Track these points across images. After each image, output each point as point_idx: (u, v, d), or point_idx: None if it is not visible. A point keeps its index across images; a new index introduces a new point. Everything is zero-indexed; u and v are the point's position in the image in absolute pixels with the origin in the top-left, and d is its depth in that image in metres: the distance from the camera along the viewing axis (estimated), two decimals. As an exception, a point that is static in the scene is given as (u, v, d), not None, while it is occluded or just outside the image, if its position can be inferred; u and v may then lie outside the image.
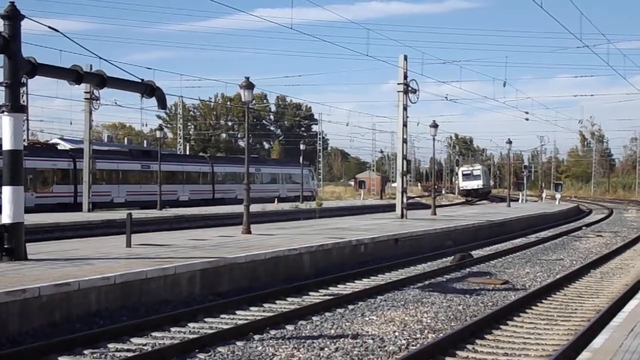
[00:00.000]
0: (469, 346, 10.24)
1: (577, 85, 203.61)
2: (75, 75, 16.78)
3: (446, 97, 47.75)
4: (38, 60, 15.57)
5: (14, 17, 14.60)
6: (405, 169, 33.95)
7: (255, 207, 33.78)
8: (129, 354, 9.63)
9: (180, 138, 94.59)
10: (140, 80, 18.29)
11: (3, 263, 14.04)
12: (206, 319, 12.17)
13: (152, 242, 19.24)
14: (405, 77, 32.87)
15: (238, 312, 12.91)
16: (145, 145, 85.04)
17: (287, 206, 47.70)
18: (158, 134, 48.70)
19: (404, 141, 33.42)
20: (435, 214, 36.69)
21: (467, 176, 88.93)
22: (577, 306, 13.83)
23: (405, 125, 33.28)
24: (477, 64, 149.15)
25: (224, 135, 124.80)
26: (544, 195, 72.56)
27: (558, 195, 60.98)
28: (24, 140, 29.76)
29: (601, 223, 41.82)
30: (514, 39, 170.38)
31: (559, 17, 42.16)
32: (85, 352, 9.81)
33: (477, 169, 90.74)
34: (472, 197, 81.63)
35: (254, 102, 65.71)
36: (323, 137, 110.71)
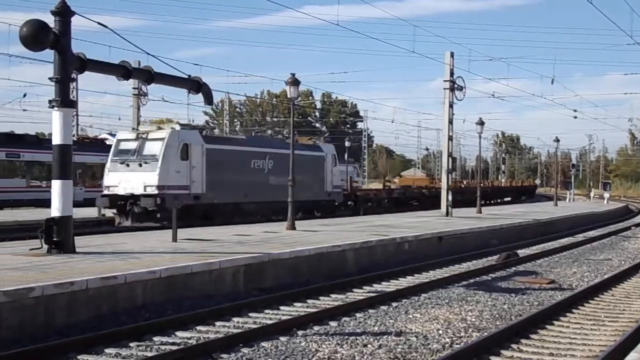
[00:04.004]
0: (514, 345, 10.14)
1: (627, 83, 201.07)
2: (123, 71, 16.98)
3: (493, 95, 47.49)
4: (87, 56, 15.79)
5: (64, 13, 14.81)
6: (450, 167, 33.76)
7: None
8: (174, 348, 9.72)
9: (226, 134, 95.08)
10: (187, 77, 18.45)
11: (52, 256, 14.27)
12: (250, 314, 12.23)
13: (198, 237, 19.38)
14: (452, 74, 32.69)
15: (282, 307, 12.95)
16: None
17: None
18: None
19: (450, 138, 33.25)
20: (480, 212, 36.43)
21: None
22: (624, 307, 13.62)
23: (451, 122, 33.11)
24: (525, 61, 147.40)
25: (269, 131, 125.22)
26: (592, 194, 71.63)
27: (606, 195, 60.15)
28: (73, 135, 30.13)
29: (650, 223, 41.13)
30: (563, 36, 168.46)
31: (610, 14, 41.64)
32: (131, 344, 9.92)
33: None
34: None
35: (299, 98, 65.81)
36: (368, 134, 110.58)
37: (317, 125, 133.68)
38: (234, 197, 31.35)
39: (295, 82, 22.53)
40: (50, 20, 14.69)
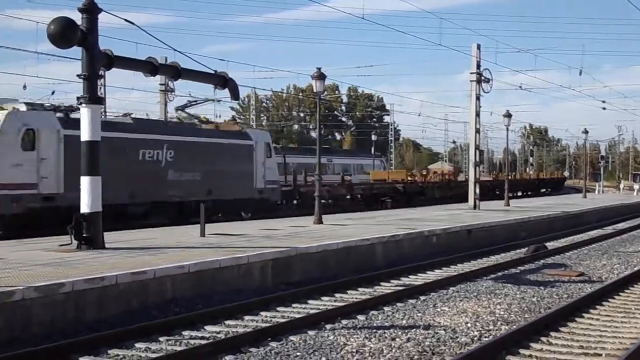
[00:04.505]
0: (543, 338, 10.09)
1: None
2: (150, 67, 17.10)
3: (520, 87, 47.25)
4: (115, 52, 15.90)
5: (92, 10, 14.92)
6: (478, 160, 33.62)
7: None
8: (203, 342, 9.78)
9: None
10: (213, 72, 18.53)
11: (82, 251, 14.41)
12: (278, 308, 12.27)
13: (226, 231, 19.47)
14: (478, 66, 32.53)
15: (310, 301, 12.97)
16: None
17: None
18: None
19: (477, 131, 33.09)
20: (508, 204, 36.24)
21: None
22: (655, 299, 13.50)
23: (478, 115, 32.95)
24: (553, 52, 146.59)
25: (296, 126, 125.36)
26: (621, 186, 70.98)
27: (636, 186, 59.61)
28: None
29: (681, 215, 40.69)
30: (592, 27, 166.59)
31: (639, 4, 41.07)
32: (161, 339, 10.00)
33: None
34: None
35: (325, 93, 65.82)
36: (395, 128, 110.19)
37: (344, 119, 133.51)
38: (113, 198, 22.26)
39: (321, 77, 22.54)
40: (78, 18, 14.81)
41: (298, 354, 9.21)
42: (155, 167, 27.29)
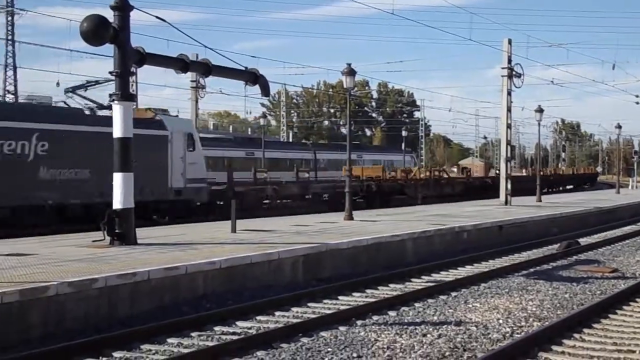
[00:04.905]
0: (576, 335, 10.01)
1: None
2: (181, 64, 17.21)
3: (552, 82, 46.72)
4: (146, 50, 16.01)
5: (123, 8, 15.03)
6: (509, 155, 33.41)
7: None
8: (234, 337, 9.83)
9: (283, 125, 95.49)
10: (244, 69, 18.59)
11: (114, 247, 14.53)
12: (309, 304, 12.29)
13: (257, 227, 19.53)
14: (510, 61, 32.30)
15: (340, 297, 12.98)
16: (249, 132, 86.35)
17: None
18: (262, 121, 49.43)
19: (508, 127, 32.88)
20: (540, 200, 35.96)
21: None
22: (690, 296, 13.34)
23: (509, 110, 32.74)
24: (585, 46, 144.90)
25: (326, 122, 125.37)
26: (656, 181, 70.11)
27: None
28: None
29: None
30: (625, 20, 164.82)
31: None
32: (193, 334, 10.06)
33: None
34: None
35: (355, 89, 65.82)
36: (425, 124, 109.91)
37: (374, 115, 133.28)
38: None
39: (351, 73, 22.52)
40: (110, 15, 14.93)
41: (329, 349, 9.22)
42: (17, 162, 22.03)
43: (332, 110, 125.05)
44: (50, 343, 9.31)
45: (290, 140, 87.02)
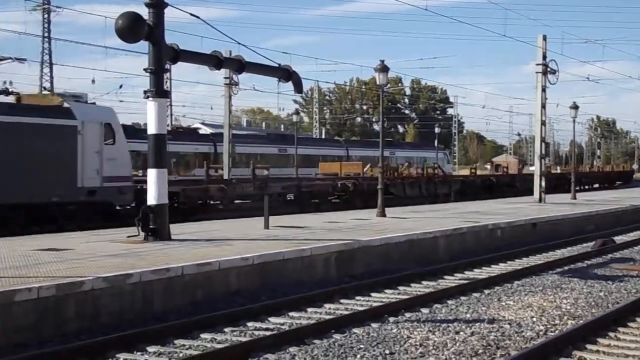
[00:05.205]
0: (611, 334, 9.93)
1: None
2: (215, 61, 17.29)
3: (588, 78, 46.36)
4: (180, 47, 16.10)
5: (158, 5, 15.12)
6: (543, 152, 33.16)
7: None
8: (267, 333, 9.88)
9: (316, 122, 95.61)
10: (277, 65, 18.63)
11: (148, 243, 14.65)
12: (341, 300, 12.30)
13: (290, 224, 19.57)
14: (544, 57, 32.06)
15: (373, 294, 12.98)
16: (282, 129, 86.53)
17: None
18: (294, 118, 49.50)
19: (543, 123, 32.63)
20: (575, 198, 35.66)
21: None
22: None
23: (543, 107, 32.49)
24: (621, 42, 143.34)
25: (358, 119, 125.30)
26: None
27: None
28: (168, 125, 30.73)
29: None
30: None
31: None
32: (226, 329, 10.12)
33: None
34: None
35: (388, 85, 65.71)
36: (458, 120, 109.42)
37: (407, 111, 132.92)
38: None
39: (384, 69, 22.49)
40: (145, 12, 15.03)
41: (361, 346, 9.23)
42: None
43: (364, 107, 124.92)
44: (86, 337, 9.43)
45: (323, 136, 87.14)
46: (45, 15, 61.73)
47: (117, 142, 23.79)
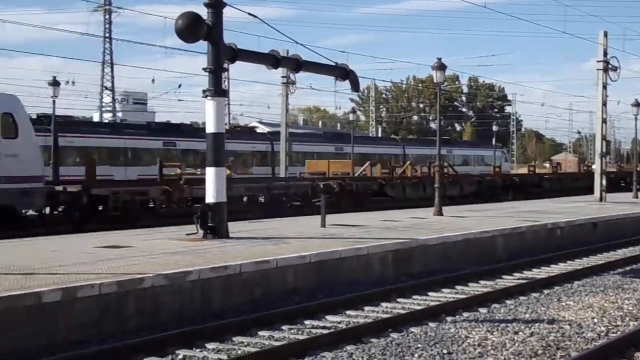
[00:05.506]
0: (674, 336, 9.73)
1: None
2: (273, 60, 17.37)
3: (650, 74, 45.31)
4: (238, 46, 16.23)
5: (217, 5, 15.26)
6: (604, 150, 32.62)
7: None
8: (324, 331, 9.91)
9: (372, 120, 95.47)
10: (334, 64, 18.65)
11: (207, 240, 14.79)
12: (398, 299, 12.28)
13: (346, 222, 19.57)
14: (605, 54, 31.51)
15: (430, 293, 12.93)
16: (338, 128, 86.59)
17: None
18: (351, 116, 49.52)
19: (603, 121, 32.12)
20: (637, 197, 34.99)
21: None
22: None
23: (604, 104, 31.95)
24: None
25: (415, 117, 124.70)
26: None
27: None
28: (226, 124, 31.01)
29: None
30: None
31: None
32: (284, 327, 10.18)
33: None
34: None
35: (445, 83, 65.23)
36: (517, 118, 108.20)
37: (464, 110, 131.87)
38: None
39: (441, 67, 22.37)
40: (204, 12, 15.18)
41: (419, 345, 9.20)
42: None
43: (421, 105, 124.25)
44: (146, 334, 9.56)
45: (379, 135, 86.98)
46: (107, 16, 62.84)
47: (20, 136, 20.30)
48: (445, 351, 8.92)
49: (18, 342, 8.74)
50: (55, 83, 35.05)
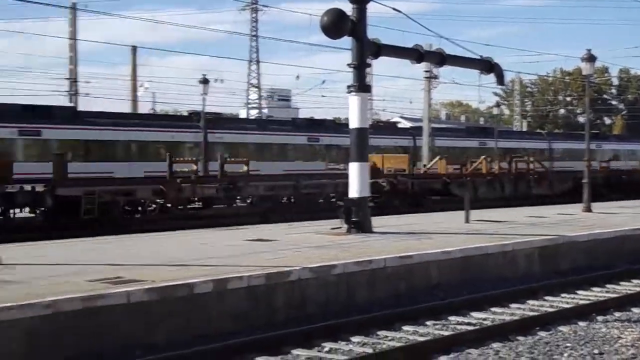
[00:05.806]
0: None
1: None
2: (416, 55, 17.35)
3: None
4: (382, 41, 16.29)
5: (361, 0, 15.36)
6: None
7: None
8: (470, 328, 9.82)
9: (517, 115, 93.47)
10: (478, 57, 18.43)
11: (351, 235, 14.94)
12: (546, 297, 12.01)
13: (490, 218, 19.29)
14: None
15: (579, 291, 12.57)
16: (481, 122, 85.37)
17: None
18: (495, 110, 48.63)
19: None
20: None
21: None
22: None
23: None
24: None
25: (562, 111, 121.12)
26: None
27: None
28: (368, 119, 31.11)
29: None
30: None
31: None
32: (428, 323, 10.15)
33: None
34: None
35: (594, 75, 63.13)
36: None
37: (614, 102, 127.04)
38: None
39: (591, 59, 21.69)
40: (348, 9, 15.31)
41: (568, 344, 8.97)
42: None
43: (568, 99, 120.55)
44: (292, 326, 9.75)
45: (524, 129, 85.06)
46: (253, 15, 64.27)
47: None
48: (596, 351, 8.66)
49: (170, 334, 9.08)
50: (204, 81, 36.32)
